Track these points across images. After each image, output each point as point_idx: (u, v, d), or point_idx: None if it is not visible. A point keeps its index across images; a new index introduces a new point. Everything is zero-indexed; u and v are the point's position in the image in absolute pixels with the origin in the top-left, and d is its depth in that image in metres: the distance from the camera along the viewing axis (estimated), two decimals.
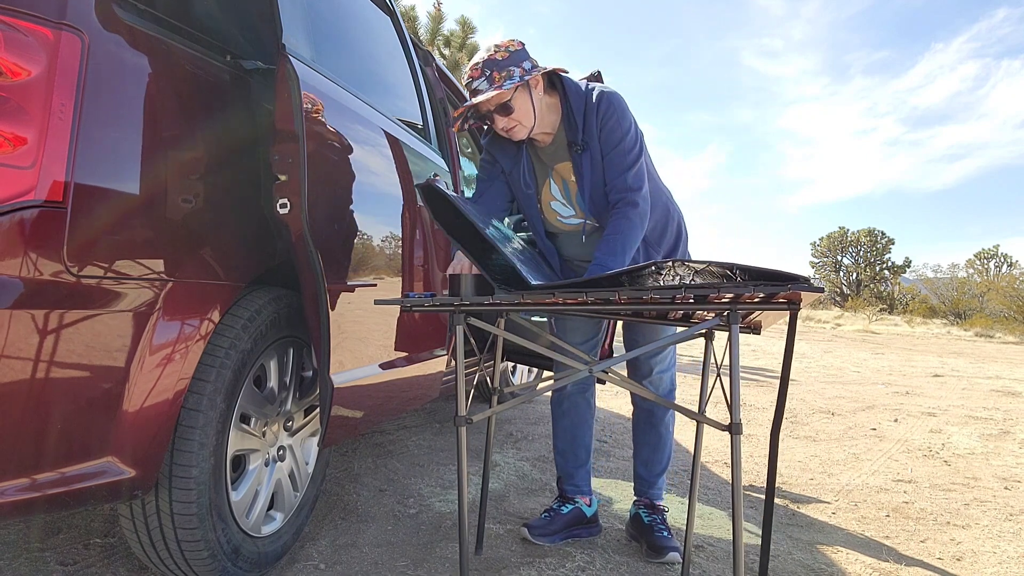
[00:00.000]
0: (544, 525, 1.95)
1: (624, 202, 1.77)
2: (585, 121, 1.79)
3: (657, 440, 2.06)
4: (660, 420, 2.06)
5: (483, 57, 1.73)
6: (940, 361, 9.35)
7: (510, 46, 1.73)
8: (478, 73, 1.71)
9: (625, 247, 1.74)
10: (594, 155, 1.79)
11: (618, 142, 1.78)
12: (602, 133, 1.78)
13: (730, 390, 1.32)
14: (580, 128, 1.79)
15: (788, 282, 1.14)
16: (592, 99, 1.79)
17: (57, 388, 1.09)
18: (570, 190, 1.87)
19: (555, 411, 2.11)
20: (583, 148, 1.80)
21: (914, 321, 25.12)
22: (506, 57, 1.71)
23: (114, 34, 1.17)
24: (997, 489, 2.87)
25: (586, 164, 1.80)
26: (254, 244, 1.52)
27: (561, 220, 1.92)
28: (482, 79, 1.71)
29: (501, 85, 1.68)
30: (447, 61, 11.10)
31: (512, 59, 1.71)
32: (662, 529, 1.97)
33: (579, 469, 2.08)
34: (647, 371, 2.02)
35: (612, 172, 1.79)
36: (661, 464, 2.08)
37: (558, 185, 1.89)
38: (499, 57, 1.71)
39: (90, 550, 1.71)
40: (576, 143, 1.80)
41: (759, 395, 5.15)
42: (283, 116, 1.39)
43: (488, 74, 1.70)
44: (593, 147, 1.79)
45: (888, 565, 2.00)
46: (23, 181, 1.03)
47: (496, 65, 1.70)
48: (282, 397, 1.70)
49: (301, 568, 1.72)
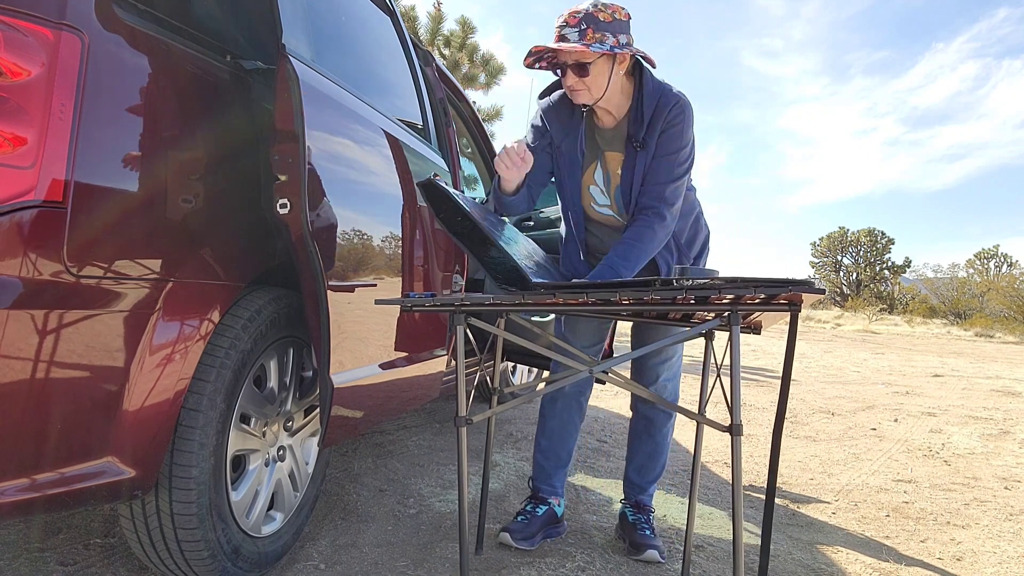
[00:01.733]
0: (523, 528, 1.94)
1: (653, 212, 1.75)
2: (652, 119, 1.75)
3: (654, 449, 2.05)
4: (659, 430, 2.04)
5: (587, 9, 1.66)
6: (940, 361, 9.35)
7: (616, 12, 1.67)
8: (575, 21, 1.64)
9: (640, 257, 1.73)
10: (649, 156, 1.77)
11: (675, 151, 1.75)
12: (662, 136, 1.75)
13: (730, 391, 1.32)
14: (646, 125, 1.75)
15: (788, 283, 1.14)
16: (666, 98, 1.75)
17: (57, 388, 1.09)
18: (611, 181, 1.85)
19: (547, 409, 2.08)
20: (642, 146, 1.76)
21: (914, 321, 25.12)
22: (608, 21, 1.65)
23: (114, 34, 1.17)
24: (997, 489, 2.87)
25: (639, 163, 1.77)
26: (254, 244, 1.52)
27: (594, 207, 1.91)
28: (575, 29, 1.64)
29: (590, 45, 1.62)
30: (447, 61, 11.10)
31: (614, 26, 1.65)
32: (645, 528, 1.97)
33: (559, 471, 2.07)
34: (653, 378, 2.01)
35: (655, 177, 1.77)
36: (655, 472, 2.07)
37: (602, 172, 1.86)
38: (601, 18, 1.64)
39: (90, 550, 1.71)
40: (637, 139, 1.76)
41: (759, 395, 5.15)
42: (283, 116, 1.39)
43: (583, 28, 1.63)
44: (650, 147, 1.76)
45: (888, 565, 2.00)
46: (23, 181, 1.03)
47: (595, 23, 1.64)
48: (282, 397, 1.70)
49: (301, 568, 1.72)
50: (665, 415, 2.04)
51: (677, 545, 2.05)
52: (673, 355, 2.01)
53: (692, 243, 1.98)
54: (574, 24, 1.64)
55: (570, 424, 2.07)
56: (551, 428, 2.07)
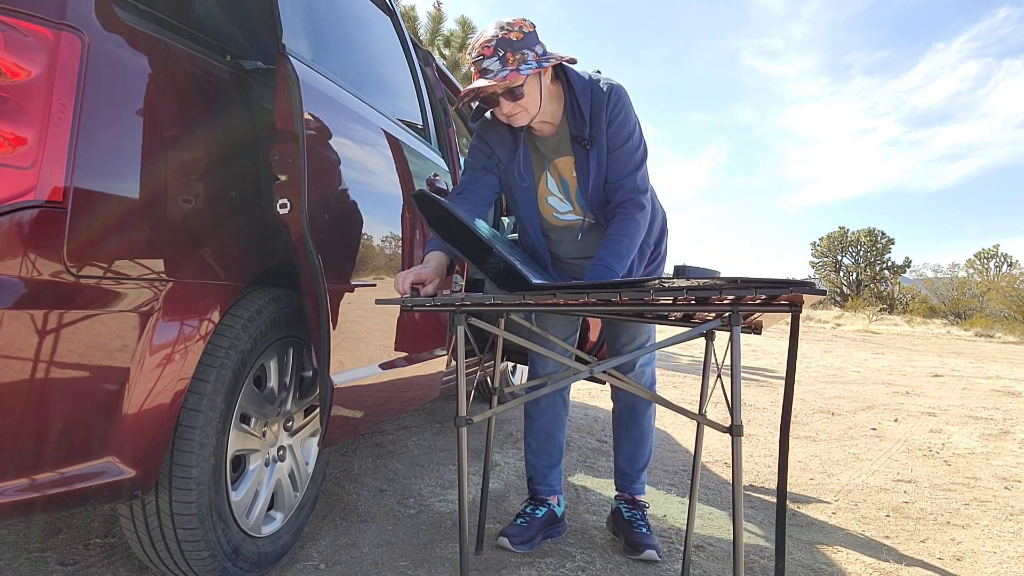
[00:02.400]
0: (521, 532, 1.93)
1: (631, 203, 1.75)
2: (593, 115, 1.73)
3: (640, 434, 2.06)
4: (643, 414, 2.06)
5: (496, 35, 1.63)
6: (940, 361, 9.35)
7: (523, 27, 1.65)
8: (490, 52, 1.62)
9: (630, 250, 1.72)
10: (601, 152, 1.75)
11: (626, 140, 1.74)
12: (610, 129, 1.73)
13: (731, 392, 1.32)
14: (587, 122, 1.73)
15: (789, 284, 1.14)
16: (600, 92, 1.73)
17: (57, 388, 1.09)
18: (569, 186, 1.84)
19: (531, 410, 2.07)
20: (591, 143, 1.74)
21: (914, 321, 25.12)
22: (520, 39, 1.63)
23: (114, 34, 1.17)
24: (997, 489, 2.87)
25: (593, 161, 1.75)
26: (254, 244, 1.52)
27: (557, 216, 1.88)
28: (494, 58, 1.62)
29: (517, 68, 1.60)
30: (447, 61, 11.10)
31: (526, 41, 1.63)
32: (642, 525, 1.96)
33: (552, 468, 2.07)
34: (631, 365, 2.02)
35: (618, 171, 1.76)
36: (643, 458, 2.08)
37: (555, 180, 1.84)
38: (513, 38, 1.62)
39: (90, 550, 1.71)
40: (583, 138, 1.75)
41: (759, 395, 5.15)
42: (283, 116, 1.39)
43: (501, 55, 1.61)
44: (600, 143, 1.74)
45: (888, 565, 2.00)
46: (23, 181, 1.03)
47: (510, 46, 1.61)
48: (282, 397, 1.70)
49: (301, 568, 1.72)
50: (646, 401, 2.05)
51: (677, 545, 2.05)
52: (646, 338, 2.00)
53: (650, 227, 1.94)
54: (490, 55, 1.62)
55: (556, 420, 2.06)
56: (538, 427, 2.06)
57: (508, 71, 1.60)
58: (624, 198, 1.76)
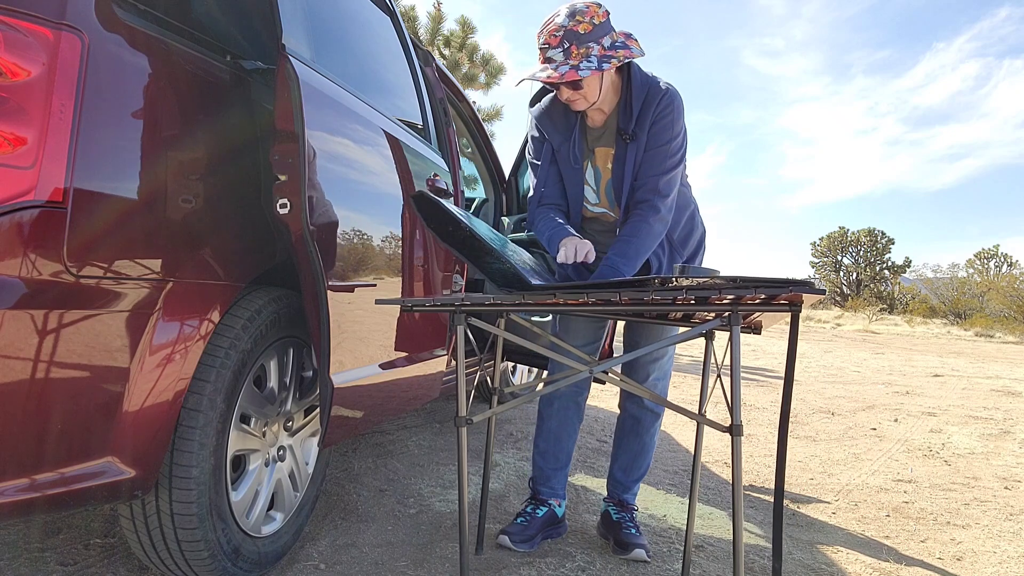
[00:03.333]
0: (522, 531, 1.93)
1: (648, 205, 1.74)
2: (642, 111, 1.74)
3: (640, 448, 2.05)
4: (646, 429, 2.05)
5: (565, 24, 1.61)
6: (940, 361, 9.35)
7: (594, 16, 1.62)
8: (556, 41, 1.61)
9: (639, 253, 1.72)
10: (639, 148, 1.75)
11: (666, 142, 1.74)
12: (653, 127, 1.74)
13: (731, 391, 1.32)
14: (635, 117, 1.74)
15: (789, 283, 1.14)
16: (654, 91, 1.74)
17: (57, 388, 1.09)
18: (601, 177, 1.84)
19: (544, 410, 2.08)
20: (632, 138, 1.75)
21: (914, 321, 25.12)
22: (588, 31, 1.60)
23: (114, 34, 1.17)
24: (997, 489, 2.87)
25: (630, 155, 1.76)
26: (254, 244, 1.52)
27: (587, 207, 1.90)
28: (558, 49, 1.60)
29: (578, 65, 1.59)
30: (447, 61, 11.10)
31: (595, 33, 1.61)
32: (630, 526, 1.97)
33: (558, 472, 2.06)
34: (644, 376, 2.01)
35: (648, 170, 1.76)
36: (640, 471, 2.07)
37: (592, 168, 1.86)
38: (581, 30, 1.60)
39: (90, 550, 1.71)
40: (626, 132, 1.75)
41: (759, 395, 5.15)
42: (283, 116, 1.39)
43: (566, 47, 1.60)
44: (640, 140, 1.75)
45: (888, 565, 2.00)
46: (23, 181, 1.03)
47: (576, 38, 1.60)
48: (282, 397, 1.70)
49: (301, 568, 1.72)
50: (652, 415, 2.04)
51: (677, 545, 2.05)
52: (664, 355, 2.00)
53: (686, 241, 1.97)
54: (556, 44, 1.61)
55: (568, 425, 2.06)
56: (549, 429, 2.06)
57: (568, 67, 1.60)
58: (644, 197, 1.76)
